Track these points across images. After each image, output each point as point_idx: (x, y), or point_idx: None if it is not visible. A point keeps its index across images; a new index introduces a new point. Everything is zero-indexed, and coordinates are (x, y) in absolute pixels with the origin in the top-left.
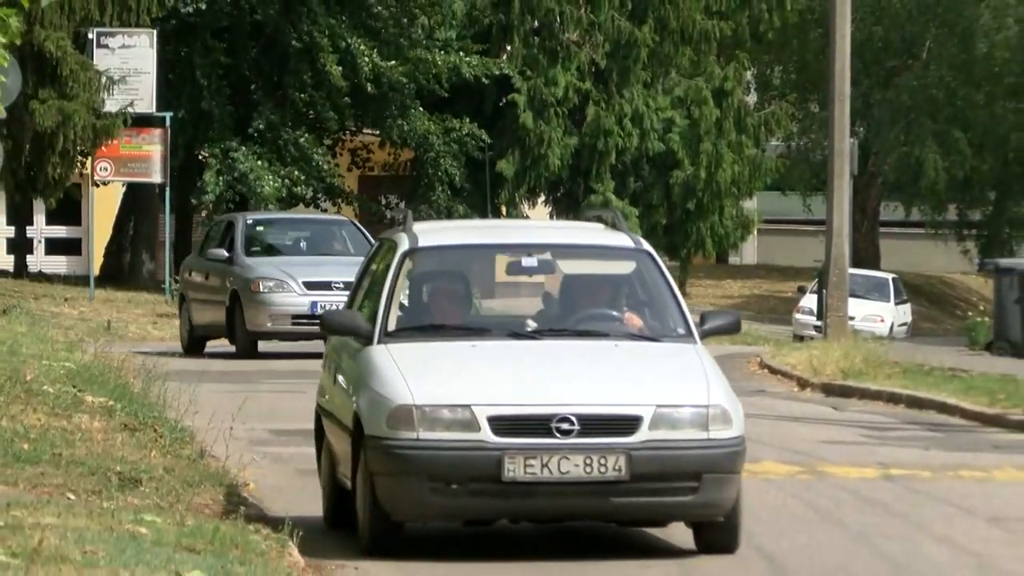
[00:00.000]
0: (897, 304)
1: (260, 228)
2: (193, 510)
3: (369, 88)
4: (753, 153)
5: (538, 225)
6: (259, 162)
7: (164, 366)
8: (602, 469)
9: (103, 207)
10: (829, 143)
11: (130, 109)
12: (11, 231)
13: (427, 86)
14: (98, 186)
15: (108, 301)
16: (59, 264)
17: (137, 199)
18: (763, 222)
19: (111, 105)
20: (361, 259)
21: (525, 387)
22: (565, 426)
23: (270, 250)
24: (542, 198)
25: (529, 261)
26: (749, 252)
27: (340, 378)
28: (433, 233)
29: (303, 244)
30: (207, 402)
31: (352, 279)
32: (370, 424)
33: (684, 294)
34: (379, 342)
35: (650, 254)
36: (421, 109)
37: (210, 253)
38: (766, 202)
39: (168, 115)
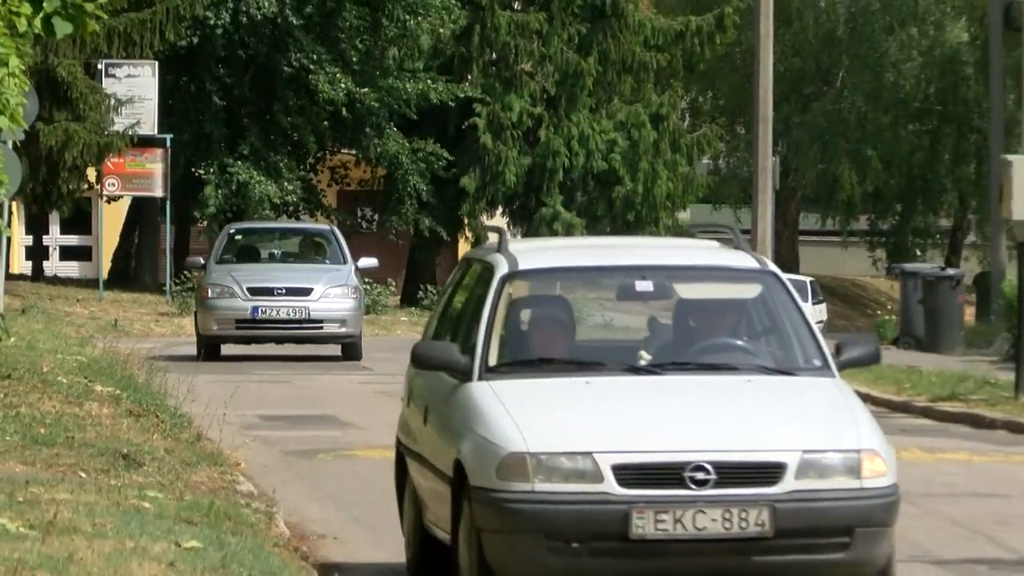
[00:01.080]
0: (814, 304)
1: (239, 237)
2: (191, 487)
3: (344, 112)
4: (686, 171)
5: (649, 244)
6: (255, 172)
7: (175, 350)
8: (743, 524)
9: (111, 218)
10: (754, 161)
11: (134, 131)
12: (29, 240)
13: (398, 110)
14: (108, 202)
15: (115, 302)
16: (72, 269)
17: (141, 211)
18: (702, 228)
19: (118, 126)
20: (336, 266)
21: (652, 431)
22: (700, 475)
23: (244, 257)
24: (500, 210)
25: (644, 285)
26: None
27: (432, 417)
28: (532, 254)
29: (279, 251)
30: (203, 391)
31: (299, 284)
32: (477, 473)
33: None
34: (480, 379)
35: (777, 276)
36: (395, 129)
37: (190, 261)
38: (699, 214)
39: (169, 137)
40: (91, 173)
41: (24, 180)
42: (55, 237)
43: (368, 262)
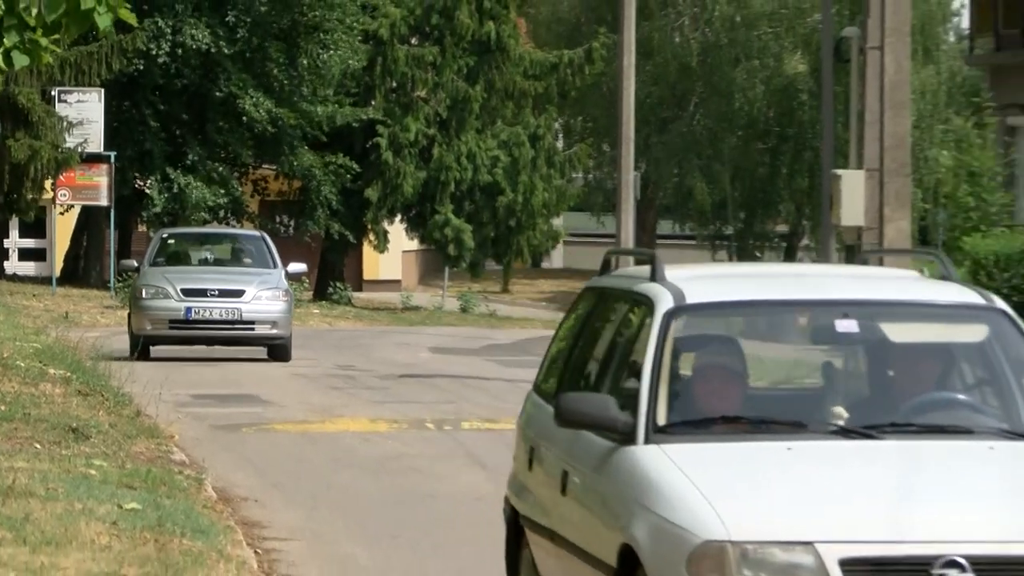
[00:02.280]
0: None
1: (172, 241)
2: (131, 457)
3: (269, 129)
4: (560, 183)
5: (838, 273)
6: (193, 180)
7: (108, 345)
8: None
9: (63, 224)
10: (618, 175)
11: (83, 148)
12: None
13: (311, 131)
14: (62, 213)
15: (66, 296)
16: (28, 268)
17: (89, 218)
18: (568, 235)
19: (70, 143)
20: (267, 270)
21: (888, 515)
22: (953, 573)
23: (177, 260)
24: (399, 217)
25: (846, 325)
26: (557, 258)
27: (577, 486)
28: (698, 284)
29: (211, 257)
30: (142, 374)
31: (231, 286)
32: (658, 565)
33: (505, 290)
34: (647, 441)
35: (1008, 315)
36: (307, 148)
37: (123, 264)
38: (571, 220)
39: (113, 154)
40: (45, 184)
41: None
42: (14, 240)
43: (297, 267)
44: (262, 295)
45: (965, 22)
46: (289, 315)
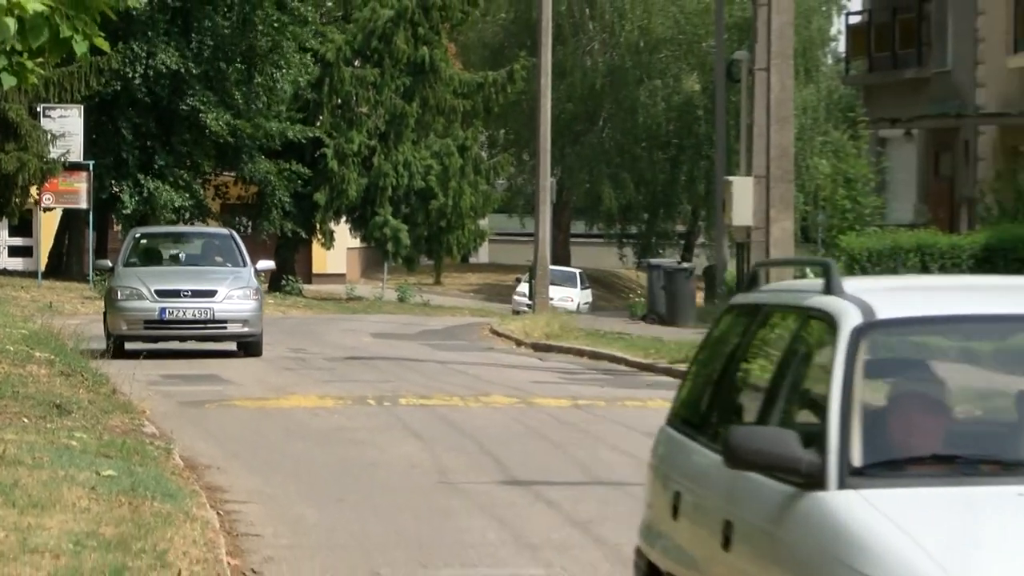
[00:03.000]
0: (582, 289)
1: (144, 241)
2: (108, 429)
3: (230, 140)
4: (485, 188)
5: None
6: (162, 185)
7: (88, 332)
8: None
9: (47, 224)
10: (536, 182)
11: (65, 158)
12: None
13: (265, 143)
14: (46, 212)
15: (50, 288)
16: (17, 263)
17: (70, 219)
18: (493, 234)
19: (53, 154)
20: (237, 269)
21: None
22: None
23: (150, 260)
24: (343, 218)
25: None
26: (483, 254)
27: (745, 539)
28: (885, 296)
29: (182, 254)
30: (117, 357)
31: (203, 286)
32: None
33: (437, 282)
34: (842, 486)
35: None
36: (263, 157)
37: (97, 263)
38: (495, 221)
39: (91, 163)
40: (31, 190)
41: None
42: (3, 239)
43: (266, 264)
44: (234, 294)
45: (842, 47)
46: (260, 313)
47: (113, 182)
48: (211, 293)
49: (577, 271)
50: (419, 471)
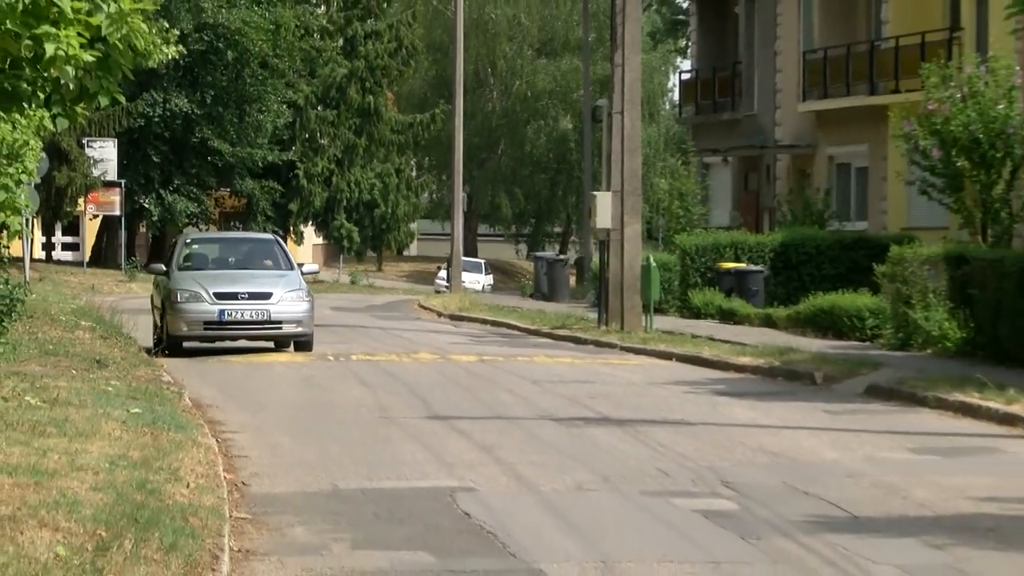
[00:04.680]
0: (486, 275)
1: (196, 246)
2: (135, 379)
3: (228, 163)
4: (414, 200)
5: None
6: (178, 197)
7: (121, 306)
8: None
9: (90, 227)
10: (451, 195)
11: (103, 177)
12: (44, 239)
13: (252, 166)
14: (91, 219)
15: (92, 275)
16: (68, 256)
17: (107, 223)
18: (421, 234)
19: (95, 174)
20: (287, 271)
21: None
22: None
23: (202, 264)
24: (310, 223)
25: None
26: (414, 248)
27: None
28: None
29: (233, 258)
30: (144, 325)
31: (260, 289)
32: None
33: (379, 269)
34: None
35: None
36: (250, 176)
37: (151, 267)
38: (422, 224)
39: (123, 181)
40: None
41: (41, 206)
42: (59, 237)
43: (311, 267)
44: (288, 296)
45: (676, 96)
46: (312, 314)
47: (141, 196)
48: (267, 295)
49: (482, 261)
50: (366, 409)
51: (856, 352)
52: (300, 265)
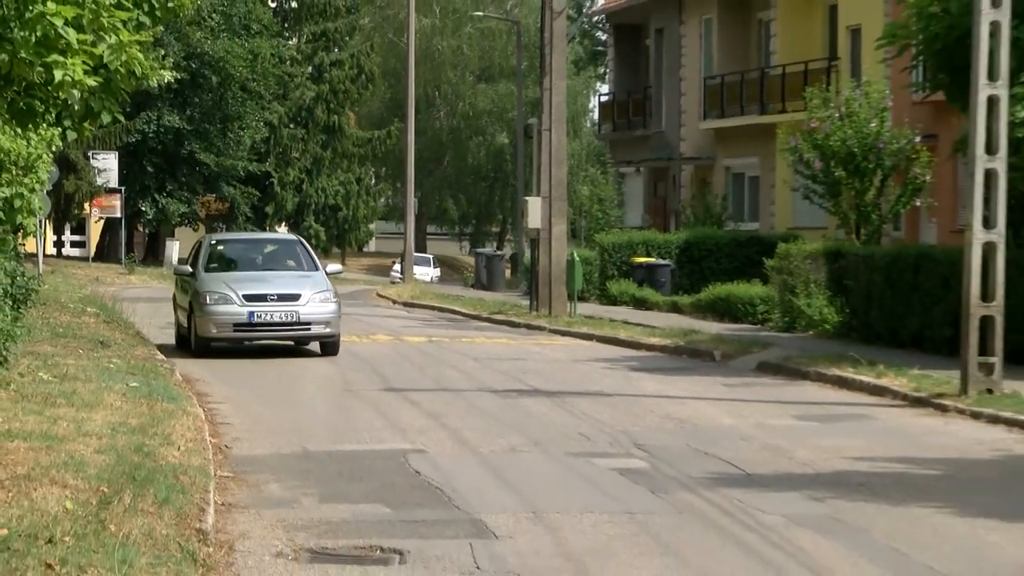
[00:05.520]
0: (434, 268)
1: (220, 247)
2: (134, 357)
3: (213, 171)
4: (373, 204)
5: None
6: (170, 200)
7: (122, 295)
8: None
9: (95, 227)
10: (404, 200)
11: (106, 184)
12: (55, 237)
13: (234, 175)
14: (96, 221)
15: (96, 268)
16: (76, 252)
17: (109, 224)
18: (378, 233)
19: (99, 182)
20: (313, 272)
21: None
22: None
23: (228, 265)
24: (283, 224)
25: None
26: (372, 245)
27: None
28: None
29: (258, 259)
30: (141, 311)
31: (288, 291)
32: None
33: (343, 263)
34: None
35: None
36: (233, 183)
37: (177, 268)
38: (380, 225)
39: (123, 188)
40: (84, 205)
41: (52, 210)
42: (68, 236)
43: (334, 267)
44: (316, 297)
45: (596, 115)
46: (339, 315)
47: (139, 200)
48: (296, 297)
49: (431, 256)
50: (332, 383)
51: (749, 334)
52: (324, 265)
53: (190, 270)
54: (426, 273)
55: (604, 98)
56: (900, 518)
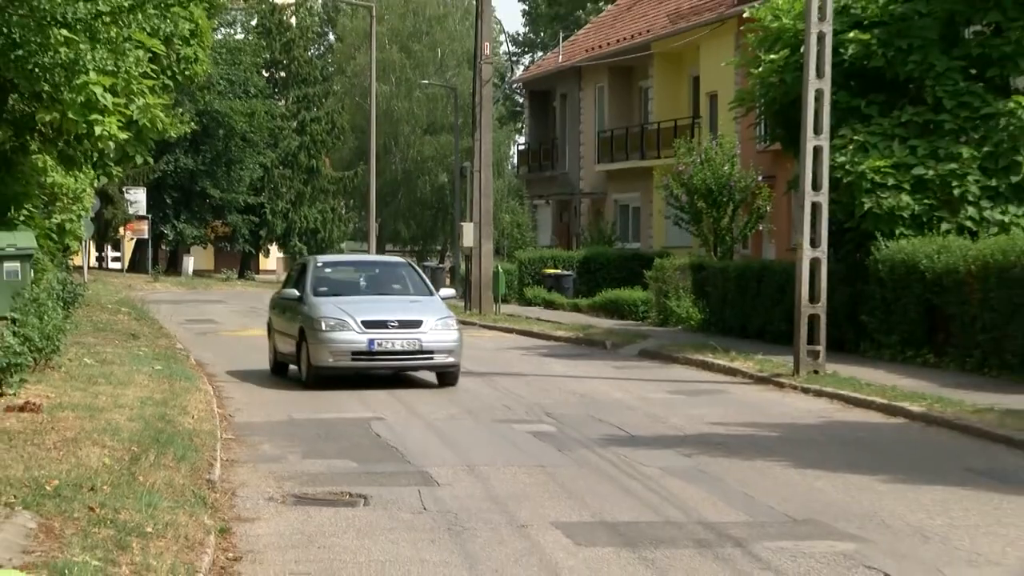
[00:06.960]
0: None
1: (328, 270)
2: (158, 346)
3: (219, 202)
4: (344, 228)
5: None
6: (187, 226)
7: (148, 299)
8: None
9: (128, 246)
10: (367, 225)
11: (136, 212)
12: (96, 254)
13: (236, 205)
14: (129, 240)
15: (129, 278)
16: (115, 265)
17: (139, 243)
18: (348, 251)
19: (130, 211)
20: (429, 297)
21: None
22: None
23: (338, 289)
24: (274, 243)
25: None
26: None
27: None
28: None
29: (365, 283)
30: (166, 311)
31: (409, 316)
32: None
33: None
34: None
35: None
36: (235, 212)
37: (283, 292)
38: (350, 244)
39: (149, 215)
40: (120, 229)
41: (94, 232)
42: (107, 252)
43: (447, 292)
44: (438, 324)
45: (515, 160)
46: (461, 343)
47: (161, 225)
48: (417, 323)
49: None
50: None
51: (633, 328)
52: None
53: (297, 294)
54: None
55: (521, 147)
56: (749, 469)
